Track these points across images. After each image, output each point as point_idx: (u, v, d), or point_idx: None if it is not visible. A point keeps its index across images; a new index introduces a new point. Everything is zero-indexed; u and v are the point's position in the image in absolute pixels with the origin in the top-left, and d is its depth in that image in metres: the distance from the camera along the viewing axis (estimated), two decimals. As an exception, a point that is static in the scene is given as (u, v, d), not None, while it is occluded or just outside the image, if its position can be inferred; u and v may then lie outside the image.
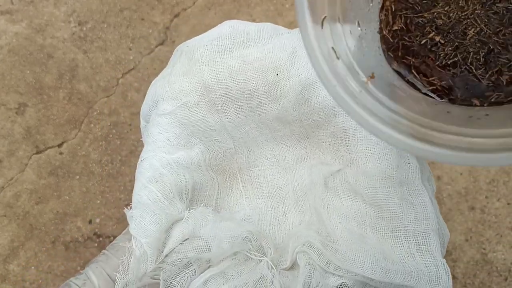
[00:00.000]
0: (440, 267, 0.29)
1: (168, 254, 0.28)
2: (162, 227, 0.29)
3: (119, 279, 0.28)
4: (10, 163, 0.66)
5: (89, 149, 0.67)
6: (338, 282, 0.29)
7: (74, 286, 0.28)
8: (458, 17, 0.25)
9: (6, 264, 0.63)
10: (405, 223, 0.30)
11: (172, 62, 0.34)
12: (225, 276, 0.28)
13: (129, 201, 0.67)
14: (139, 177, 0.31)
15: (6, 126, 0.67)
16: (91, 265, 0.29)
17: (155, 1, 0.73)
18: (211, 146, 0.34)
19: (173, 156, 0.31)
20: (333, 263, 0.29)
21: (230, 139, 0.34)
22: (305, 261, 0.30)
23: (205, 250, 0.28)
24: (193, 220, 0.30)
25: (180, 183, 0.31)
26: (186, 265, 0.28)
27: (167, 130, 0.32)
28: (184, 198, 0.31)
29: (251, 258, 0.30)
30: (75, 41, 0.70)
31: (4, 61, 0.69)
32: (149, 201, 0.29)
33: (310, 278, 0.29)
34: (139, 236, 0.28)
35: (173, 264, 0.28)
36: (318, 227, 0.32)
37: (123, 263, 0.28)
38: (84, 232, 0.65)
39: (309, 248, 0.30)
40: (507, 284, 0.66)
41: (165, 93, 0.32)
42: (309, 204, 0.34)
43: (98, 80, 0.70)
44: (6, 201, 0.65)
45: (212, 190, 0.34)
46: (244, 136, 0.34)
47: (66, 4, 0.72)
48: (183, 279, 0.28)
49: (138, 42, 0.72)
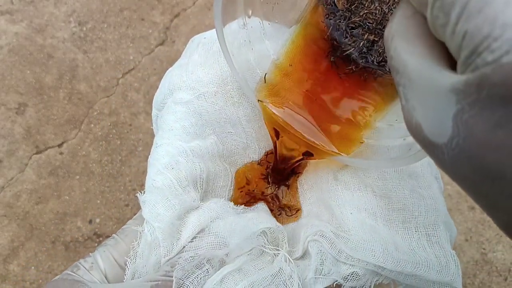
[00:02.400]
0: (450, 258, 0.30)
1: (183, 249, 0.28)
2: (175, 213, 0.28)
3: (129, 264, 0.28)
4: (10, 163, 0.66)
5: (89, 149, 0.67)
6: (349, 271, 0.30)
7: (82, 268, 0.28)
8: (382, 11, 0.25)
9: (6, 264, 0.63)
10: (415, 214, 0.31)
11: (189, 52, 0.35)
12: (242, 272, 0.28)
13: (129, 201, 0.67)
14: (154, 163, 0.31)
15: (6, 126, 0.67)
16: (99, 248, 0.29)
17: (155, 1, 0.73)
18: (225, 138, 0.34)
19: (189, 145, 0.31)
20: (344, 252, 0.30)
21: (244, 133, 0.35)
22: (317, 249, 0.30)
23: (221, 246, 0.28)
24: (210, 210, 0.30)
25: (195, 171, 0.31)
26: (198, 265, 0.28)
27: (184, 118, 0.32)
28: (198, 188, 0.31)
29: (266, 252, 0.30)
30: (75, 41, 0.70)
31: (4, 61, 0.69)
32: (164, 186, 0.29)
33: (322, 265, 0.29)
34: (151, 220, 0.28)
35: (186, 262, 0.27)
36: (329, 218, 0.32)
37: (134, 248, 0.28)
38: (84, 232, 0.65)
39: (321, 237, 0.30)
40: (507, 284, 0.66)
41: (182, 82, 0.33)
42: (317, 197, 0.35)
43: (98, 80, 0.70)
44: (6, 201, 0.65)
45: (226, 181, 0.34)
46: (257, 132, 0.35)
47: (66, 4, 0.72)
48: (196, 280, 0.27)
49: (138, 42, 0.72)
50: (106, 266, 0.28)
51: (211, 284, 0.27)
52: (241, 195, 0.37)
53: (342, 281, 0.30)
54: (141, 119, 0.69)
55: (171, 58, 0.72)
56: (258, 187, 0.37)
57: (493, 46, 0.12)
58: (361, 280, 0.30)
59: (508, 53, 0.12)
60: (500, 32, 0.12)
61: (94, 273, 0.28)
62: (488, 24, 0.12)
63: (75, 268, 0.28)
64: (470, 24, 0.13)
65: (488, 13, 0.13)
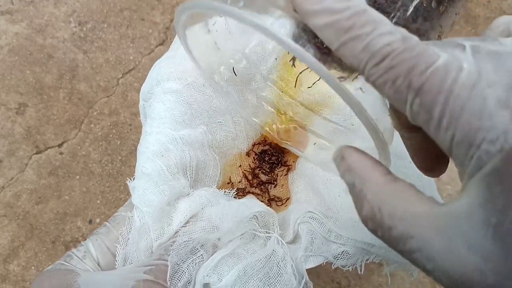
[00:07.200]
0: None
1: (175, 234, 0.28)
2: (165, 198, 0.28)
3: (119, 250, 0.28)
4: (10, 163, 0.66)
5: (89, 149, 0.67)
6: (339, 250, 0.30)
7: (75, 257, 0.28)
8: None
9: (6, 264, 0.63)
10: None
11: (176, 45, 0.35)
12: (235, 256, 0.28)
13: (129, 201, 0.67)
14: (143, 151, 0.31)
15: (6, 126, 0.67)
16: (91, 237, 0.29)
17: (155, 1, 0.73)
18: (214, 128, 0.35)
19: (179, 133, 0.31)
20: (334, 231, 0.30)
21: (232, 123, 0.35)
22: (306, 230, 0.30)
23: (214, 230, 0.28)
24: (201, 197, 0.30)
25: (185, 159, 0.31)
26: (193, 250, 0.28)
27: (173, 108, 0.32)
28: (188, 175, 0.31)
29: (258, 236, 0.30)
30: (75, 41, 0.71)
31: (4, 61, 0.69)
32: (153, 173, 0.29)
33: (312, 245, 0.30)
34: (140, 205, 0.28)
35: (180, 247, 0.27)
36: (317, 202, 0.33)
37: (122, 234, 0.28)
38: (84, 232, 0.65)
39: (310, 219, 0.31)
40: (507, 284, 0.66)
41: (169, 73, 0.33)
42: (305, 183, 0.35)
43: (98, 80, 0.70)
44: (6, 201, 0.65)
45: (215, 171, 0.34)
46: (244, 121, 0.35)
47: (66, 4, 0.72)
48: (191, 266, 0.27)
49: (138, 42, 0.72)
50: (98, 254, 0.28)
51: (205, 270, 0.27)
52: (229, 187, 0.37)
53: (333, 260, 0.30)
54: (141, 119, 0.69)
55: (171, 58, 0.72)
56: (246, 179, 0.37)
57: (489, 136, 0.12)
58: (352, 259, 0.30)
59: (507, 139, 0.12)
60: (489, 123, 0.12)
61: (87, 262, 0.27)
62: (475, 118, 0.13)
63: (68, 258, 0.28)
64: (457, 121, 0.13)
65: (471, 107, 0.13)
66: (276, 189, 0.37)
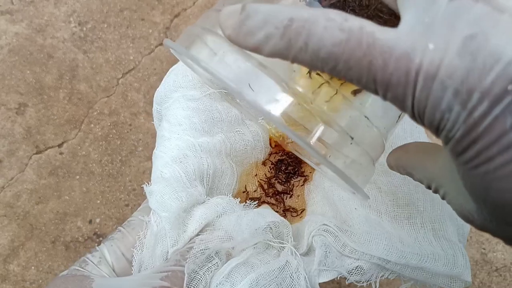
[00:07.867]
0: (457, 251, 0.29)
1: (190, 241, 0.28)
2: (182, 205, 0.28)
3: (135, 255, 0.28)
4: (10, 163, 0.66)
5: (89, 149, 0.67)
6: (353, 265, 0.30)
7: (90, 263, 0.28)
8: None
9: (6, 264, 0.63)
10: (421, 209, 0.31)
11: None
12: (249, 265, 0.28)
13: (129, 201, 0.67)
14: (161, 155, 0.31)
15: (6, 126, 0.67)
16: (106, 242, 0.29)
17: (155, 1, 0.73)
18: (232, 137, 0.35)
19: (198, 140, 0.31)
20: (349, 246, 0.30)
21: (249, 133, 0.35)
22: (320, 243, 0.30)
23: (229, 240, 0.28)
24: (216, 205, 0.30)
25: (203, 166, 0.31)
26: (208, 258, 0.28)
27: (193, 115, 0.32)
28: (205, 183, 0.31)
29: (272, 246, 0.30)
30: (75, 41, 0.71)
31: (4, 61, 0.69)
32: (171, 178, 0.29)
33: (325, 258, 0.29)
34: (159, 210, 0.28)
35: (197, 255, 0.27)
36: (333, 215, 0.32)
37: (140, 238, 0.28)
38: (84, 232, 0.65)
39: (325, 232, 0.30)
40: (507, 284, 0.66)
41: (188, 81, 0.33)
42: (321, 195, 0.35)
43: (98, 80, 0.70)
44: (6, 201, 0.65)
45: (231, 179, 0.34)
46: (262, 131, 0.36)
47: (66, 4, 0.72)
48: (207, 273, 0.27)
49: (138, 42, 0.72)
50: (113, 259, 0.28)
51: (219, 277, 0.27)
52: (244, 196, 0.37)
53: (347, 275, 0.30)
54: (141, 119, 0.69)
55: (171, 58, 0.72)
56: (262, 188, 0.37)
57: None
58: (366, 275, 0.30)
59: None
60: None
61: (102, 267, 0.27)
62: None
63: (83, 263, 0.28)
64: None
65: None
66: (292, 199, 0.37)
